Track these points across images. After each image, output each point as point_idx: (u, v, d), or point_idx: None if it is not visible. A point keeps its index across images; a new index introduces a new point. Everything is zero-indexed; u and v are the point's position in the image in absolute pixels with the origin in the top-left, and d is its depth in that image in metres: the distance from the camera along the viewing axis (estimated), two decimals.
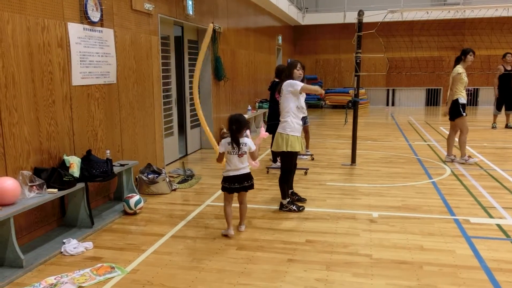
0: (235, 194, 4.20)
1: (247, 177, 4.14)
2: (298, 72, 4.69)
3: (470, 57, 6.75)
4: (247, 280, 3.24)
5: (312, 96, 17.14)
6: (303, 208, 4.83)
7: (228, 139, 4.09)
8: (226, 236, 4.12)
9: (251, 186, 4.19)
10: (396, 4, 15.72)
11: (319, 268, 3.41)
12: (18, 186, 3.55)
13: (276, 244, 3.90)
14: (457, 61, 6.85)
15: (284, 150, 4.63)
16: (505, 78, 10.59)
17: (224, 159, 4.18)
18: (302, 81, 4.72)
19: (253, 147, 4.14)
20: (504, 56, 10.66)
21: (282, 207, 4.83)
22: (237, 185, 4.10)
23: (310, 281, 3.21)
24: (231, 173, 4.10)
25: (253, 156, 4.19)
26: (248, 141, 4.13)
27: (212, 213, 4.81)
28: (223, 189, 4.18)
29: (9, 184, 3.44)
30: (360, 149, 7.85)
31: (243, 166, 4.11)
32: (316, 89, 4.75)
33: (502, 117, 10.97)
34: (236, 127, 4.05)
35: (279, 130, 4.70)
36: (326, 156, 7.85)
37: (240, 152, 4.07)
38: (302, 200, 5.10)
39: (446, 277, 3.25)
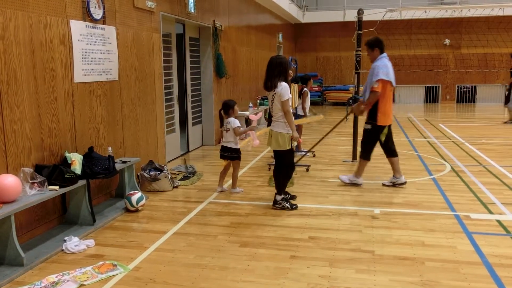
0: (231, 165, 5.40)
1: (231, 150, 5.26)
2: (291, 73, 5.01)
3: None
4: (250, 277, 3.24)
5: (313, 93, 17.14)
6: (296, 207, 4.78)
7: None
8: (220, 192, 5.38)
9: (235, 158, 5.29)
10: (395, 3, 15.72)
11: (322, 265, 3.42)
12: (19, 183, 3.53)
13: (278, 241, 3.91)
14: None
15: (288, 148, 4.64)
16: None
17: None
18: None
19: (234, 125, 5.20)
20: None
21: (275, 203, 4.80)
22: (225, 153, 5.28)
23: (313, 278, 3.22)
24: (222, 144, 5.32)
25: (235, 131, 5.20)
26: (231, 120, 5.25)
27: (214, 210, 4.81)
28: (220, 156, 5.40)
29: (10, 181, 3.44)
30: None
31: (230, 140, 5.23)
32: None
33: (501, 113, 10.98)
34: (223, 109, 5.33)
35: (277, 130, 4.62)
36: (327, 153, 7.86)
37: (226, 128, 5.25)
38: (293, 197, 5.09)
39: (448, 272, 3.26)
